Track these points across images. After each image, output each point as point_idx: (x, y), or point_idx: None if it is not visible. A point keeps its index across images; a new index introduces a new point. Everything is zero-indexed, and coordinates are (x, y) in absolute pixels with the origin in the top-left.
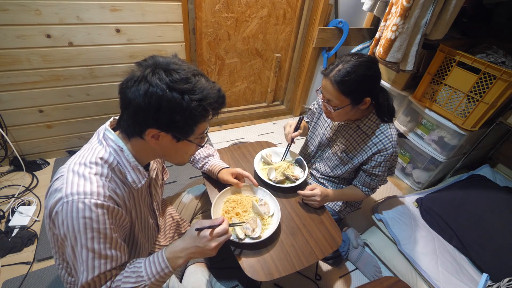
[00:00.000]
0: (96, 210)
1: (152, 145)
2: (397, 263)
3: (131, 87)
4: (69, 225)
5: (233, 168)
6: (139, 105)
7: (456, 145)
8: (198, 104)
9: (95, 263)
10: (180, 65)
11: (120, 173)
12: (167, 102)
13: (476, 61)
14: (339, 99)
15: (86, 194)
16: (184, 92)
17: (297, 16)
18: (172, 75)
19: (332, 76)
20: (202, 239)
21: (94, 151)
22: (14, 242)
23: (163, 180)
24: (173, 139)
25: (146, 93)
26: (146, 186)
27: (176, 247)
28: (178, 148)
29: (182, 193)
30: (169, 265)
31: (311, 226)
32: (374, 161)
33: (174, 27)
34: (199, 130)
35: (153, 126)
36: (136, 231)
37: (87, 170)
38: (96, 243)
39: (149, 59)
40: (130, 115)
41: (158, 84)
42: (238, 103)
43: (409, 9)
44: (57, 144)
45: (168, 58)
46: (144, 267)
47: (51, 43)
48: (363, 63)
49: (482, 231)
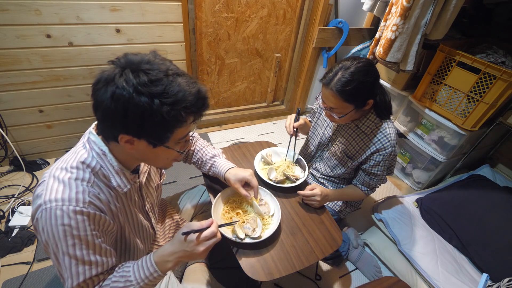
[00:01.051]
0: (75, 217)
1: (128, 151)
2: (397, 263)
3: (100, 89)
4: (49, 232)
5: (241, 171)
6: (107, 109)
7: (456, 145)
8: (170, 109)
9: (79, 269)
10: (153, 65)
11: (104, 177)
12: (134, 107)
13: (476, 61)
14: (343, 107)
15: (64, 201)
16: (153, 96)
17: (297, 16)
18: (140, 77)
19: (333, 85)
20: (189, 244)
21: (76, 155)
22: (14, 242)
23: (160, 181)
24: (148, 145)
25: (113, 96)
26: (136, 189)
27: (164, 251)
28: (156, 154)
29: (182, 193)
30: (157, 269)
31: (311, 226)
32: (373, 160)
33: (174, 27)
34: (177, 136)
35: (123, 132)
36: (127, 234)
37: (67, 175)
38: (78, 250)
39: (122, 57)
40: (100, 120)
41: (124, 87)
42: (238, 103)
43: (409, 9)
44: (57, 144)
45: (143, 56)
46: (132, 271)
47: (51, 43)
48: (362, 68)
49: (482, 231)
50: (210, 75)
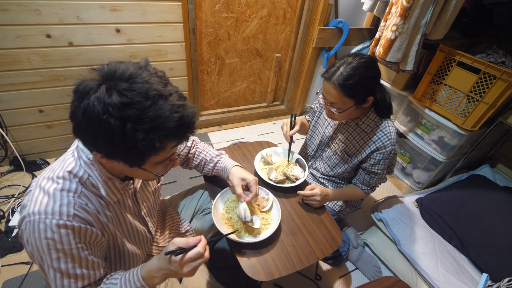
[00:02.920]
0: (58, 231)
1: (106, 165)
2: (397, 263)
3: (75, 100)
4: (33, 245)
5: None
6: (79, 124)
7: (456, 145)
8: (144, 136)
9: (64, 283)
10: (133, 84)
11: (93, 186)
12: (104, 129)
13: (476, 61)
14: (343, 102)
15: (47, 214)
16: (125, 120)
17: (297, 16)
18: (112, 97)
19: (334, 79)
20: (173, 264)
21: (64, 163)
22: (14, 242)
23: (157, 184)
24: (124, 163)
25: (84, 112)
26: (130, 195)
27: (151, 266)
28: (135, 172)
29: (182, 193)
30: (144, 284)
31: (311, 226)
32: (373, 159)
33: (174, 27)
34: (155, 160)
35: (95, 150)
36: (119, 243)
37: (53, 186)
38: (63, 263)
39: (106, 66)
40: (73, 131)
41: (95, 106)
42: (238, 103)
43: (409, 9)
44: (57, 144)
45: (125, 68)
46: (119, 284)
47: (51, 43)
48: (364, 64)
49: (482, 231)
50: (210, 75)
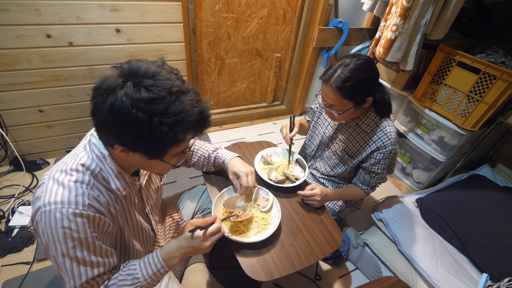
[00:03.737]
0: (74, 220)
1: (123, 158)
2: (397, 263)
3: (100, 96)
4: (49, 235)
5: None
6: (104, 119)
7: (456, 145)
8: (169, 129)
9: (80, 270)
10: (157, 80)
11: (103, 180)
12: (131, 124)
13: (476, 61)
14: (342, 104)
15: (63, 204)
16: (153, 114)
17: (297, 16)
18: (141, 93)
19: (332, 82)
20: (196, 240)
21: (77, 157)
22: (14, 242)
23: (160, 183)
24: (143, 156)
25: (111, 108)
26: (136, 192)
27: (171, 248)
28: (151, 165)
29: (182, 193)
30: (165, 265)
31: (311, 226)
32: (374, 158)
33: (174, 27)
34: (173, 151)
35: (118, 144)
36: (126, 237)
37: (67, 178)
38: (79, 252)
39: (125, 64)
40: (97, 127)
41: (124, 101)
42: (238, 103)
43: (409, 9)
44: (57, 144)
45: (147, 66)
46: (139, 268)
47: (51, 43)
48: (362, 65)
49: (482, 231)
50: (210, 75)
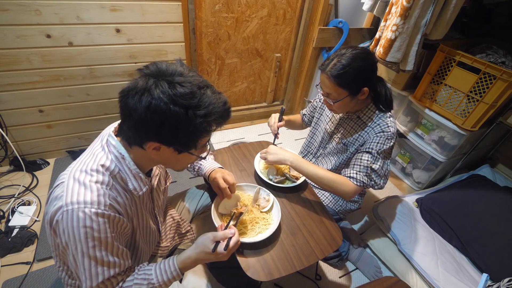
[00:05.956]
0: (97, 219)
1: (152, 156)
2: (397, 263)
3: (132, 97)
4: (70, 234)
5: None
6: (141, 119)
7: (456, 145)
8: (202, 120)
9: (98, 270)
10: (186, 77)
11: (121, 180)
12: (171, 118)
13: (476, 61)
14: (337, 92)
15: (86, 203)
16: (188, 108)
17: (297, 16)
18: (176, 89)
19: (328, 70)
20: (218, 255)
21: (96, 157)
22: (14, 242)
23: (166, 185)
24: (174, 151)
25: (149, 107)
26: (148, 192)
27: (188, 259)
28: (178, 159)
29: (182, 193)
30: (180, 274)
31: (311, 226)
32: (371, 142)
33: (174, 27)
34: (201, 143)
35: (154, 140)
36: (137, 237)
37: (88, 178)
38: (98, 251)
39: (151, 66)
40: (130, 127)
41: (161, 98)
42: (238, 103)
43: (409, 9)
44: (57, 144)
45: (172, 66)
46: (155, 274)
47: (51, 43)
48: (357, 55)
49: (482, 231)
50: (210, 75)
